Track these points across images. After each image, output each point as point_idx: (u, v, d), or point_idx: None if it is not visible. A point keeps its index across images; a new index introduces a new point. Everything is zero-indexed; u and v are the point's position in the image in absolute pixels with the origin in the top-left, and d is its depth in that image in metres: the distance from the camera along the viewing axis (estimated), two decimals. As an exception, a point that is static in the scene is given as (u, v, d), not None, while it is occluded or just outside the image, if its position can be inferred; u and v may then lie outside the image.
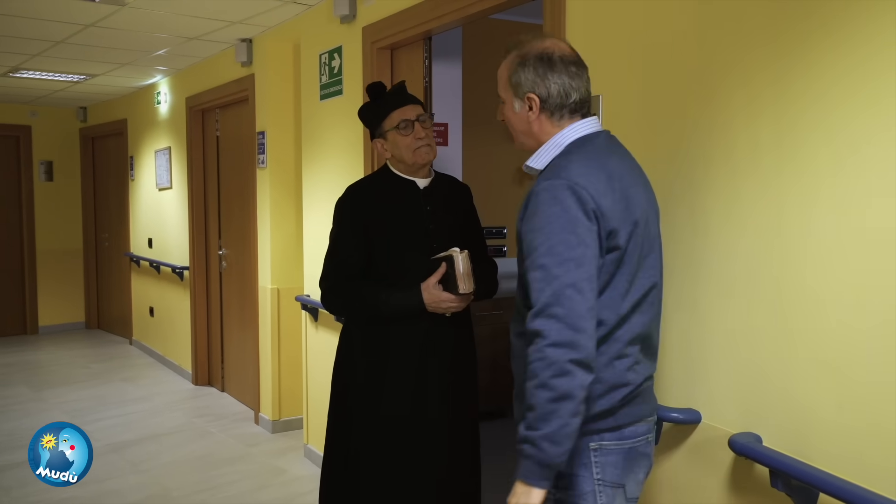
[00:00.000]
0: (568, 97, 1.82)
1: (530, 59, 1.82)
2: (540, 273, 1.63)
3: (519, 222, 1.76)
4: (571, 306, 1.60)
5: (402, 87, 2.73)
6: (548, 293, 1.61)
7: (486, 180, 5.62)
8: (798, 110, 1.84)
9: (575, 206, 1.65)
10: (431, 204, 2.67)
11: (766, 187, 1.92)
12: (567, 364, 1.58)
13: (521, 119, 1.86)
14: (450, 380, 2.63)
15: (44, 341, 8.40)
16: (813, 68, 1.80)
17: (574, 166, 1.72)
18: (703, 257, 2.09)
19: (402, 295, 2.51)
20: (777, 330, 1.90)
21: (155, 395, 6.15)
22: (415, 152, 2.60)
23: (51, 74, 6.54)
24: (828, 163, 1.77)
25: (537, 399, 1.59)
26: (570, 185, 1.67)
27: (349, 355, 2.71)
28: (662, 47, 2.22)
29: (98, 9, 4.38)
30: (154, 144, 7.17)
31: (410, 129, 2.60)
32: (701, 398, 2.11)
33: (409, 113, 2.62)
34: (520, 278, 1.80)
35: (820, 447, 1.80)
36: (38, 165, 8.71)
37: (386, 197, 2.66)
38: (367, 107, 2.72)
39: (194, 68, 6.21)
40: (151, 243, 7.34)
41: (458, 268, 2.39)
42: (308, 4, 4.33)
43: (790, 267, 1.87)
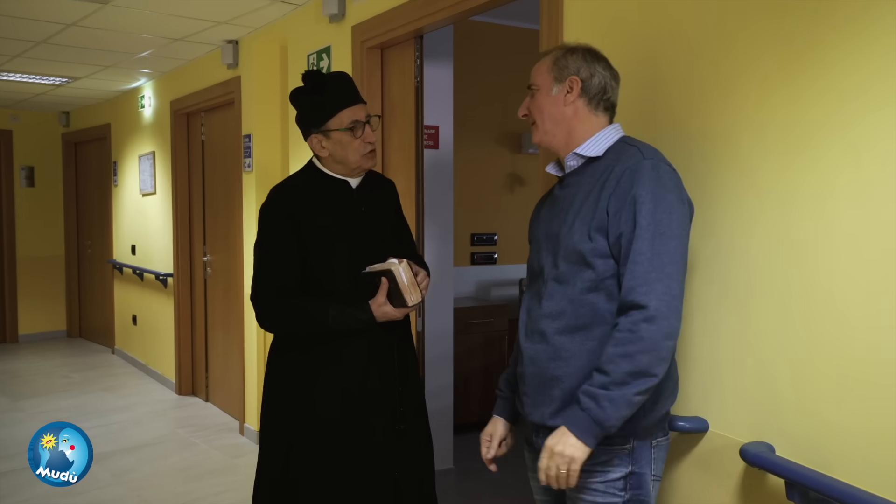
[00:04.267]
0: (605, 92, 1.89)
1: (579, 49, 1.90)
2: (667, 249, 1.66)
3: (605, 200, 1.74)
4: (680, 292, 1.68)
5: (350, 80, 2.43)
6: (668, 274, 1.66)
7: (478, 185, 5.55)
8: (808, 101, 1.76)
9: (678, 188, 1.74)
10: (365, 204, 2.46)
11: (774, 183, 1.84)
12: (668, 353, 1.67)
13: (555, 103, 1.87)
14: (399, 389, 2.45)
15: (23, 350, 8.22)
16: (826, 57, 1.72)
17: (660, 154, 1.78)
18: (710, 259, 2.00)
19: (353, 312, 2.29)
20: (789, 334, 1.81)
21: (137, 405, 6.00)
22: (362, 156, 2.39)
23: (32, 77, 6.40)
24: (843, 157, 1.69)
25: (620, 368, 1.64)
26: (672, 169, 1.76)
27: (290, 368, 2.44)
28: (663, 43, 2.14)
29: (79, 7, 4.27)
30: (138, 149, 7.04)
31: (361, 130, 2.36)
32: (708, 406, 2.02)
33: (360, 113, 2.37)
34: (573, 262, 1.79)
35: (837, 457, 1.71)
36: (19, 171, 8.55)
37: (316, 199, 2.41)
38: (307, 98, 2.39)
39: (179, 71, 6.10)
40: (135, 250, 7.20)
41: (401, 280, 2.22)
42: (296, 4, 4.24)
43: (802, 268, 1.78)
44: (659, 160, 1.75)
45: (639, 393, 1.65)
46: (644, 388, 1.65)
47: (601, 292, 1.77)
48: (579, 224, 1.78)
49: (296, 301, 2.35)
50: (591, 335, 1.77)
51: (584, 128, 1.87)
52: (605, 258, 1.75)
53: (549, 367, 1.82)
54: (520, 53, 5.34)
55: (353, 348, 2.37)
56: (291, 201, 2.40)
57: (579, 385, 1.77)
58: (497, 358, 5.17)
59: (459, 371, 4.69)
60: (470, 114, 5.26)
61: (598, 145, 1.85)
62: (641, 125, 2.18)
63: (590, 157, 1.85)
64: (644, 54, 2.21)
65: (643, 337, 1.64)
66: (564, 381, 1.80)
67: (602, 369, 1.67)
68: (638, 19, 2.24)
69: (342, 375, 2.37)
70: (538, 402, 1.86)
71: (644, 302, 1.65)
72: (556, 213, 1.90)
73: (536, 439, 1.92)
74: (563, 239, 1.81)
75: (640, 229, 1.67)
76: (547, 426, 1.84)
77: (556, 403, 1.81)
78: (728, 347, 1.97)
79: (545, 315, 1.84)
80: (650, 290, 1.65)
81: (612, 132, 1.88)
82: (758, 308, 1.89)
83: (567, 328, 1.80)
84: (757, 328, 1.89)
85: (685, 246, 1.71)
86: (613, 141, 1.86)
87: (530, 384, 1.88)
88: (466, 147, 5.22)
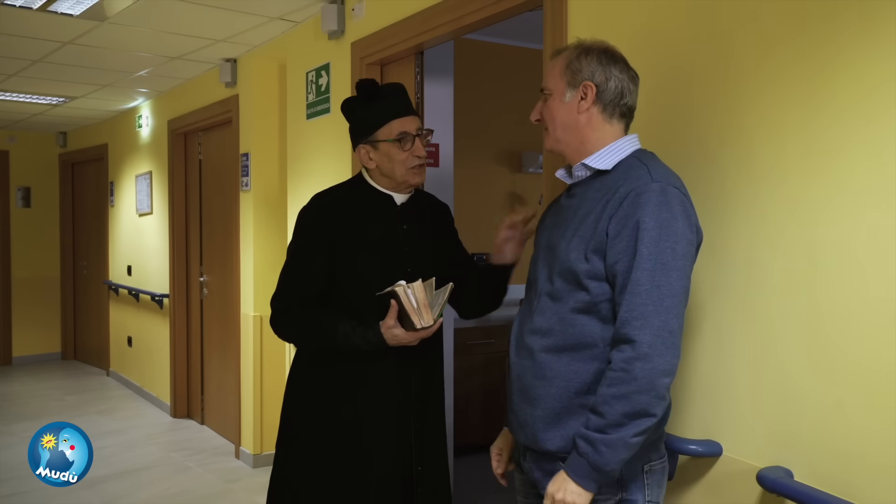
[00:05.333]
0: (622, 97, 1.78)
1: (595, 50, 1.78)
2: (667, 282, 1.58)
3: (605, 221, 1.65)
4: (678, 327, 1.59)
5: (403, 91, 2.34)
6: (666, 308, 1.57)
7: (478, 204, 5.49)
8: (831, 114, 1.70)
9: (686, 215, 1.63)
10: (409, 223, 2.36)
11: (793, 196, 1.78)
12: (666, 391, 1.59)
13: (568, 110, 1.77)
14: (416, 426, 2.32)
15: (17, 372, 8.11)
16: (847, 70, 1.66)
17: (671, 176, 1.68)
18: (724, 275, 1.93)
19: (363, 331, 2.17)
20: (811, 353, 1.74)
21: (131, 429, 5.90)
22: (409, 170, 2.28)
23: (28, 96, 6.36)
24: (872, 176, 1.62)
25: (615, 409, 1.57)
26: (682, 193, 1.65)
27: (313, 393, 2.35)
28: (671, 52, 2.09)
29: (77, 24, 4.23)
30: (135, 169, 6.99)
31: (410, 143, 2.25)
32: (721, 429, 1.94)
33: (411, 125, 2.27)
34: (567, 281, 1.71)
35: (861, 484, 1.63)
36: (15, 192, 8.50)
37: (358, 212, 2.32)
38: (358, 106, 2.33)
39: (177, 90, 6.06)
40: (130, 271, 7.13)
41: (408, 303, 2.09)
42: (295, 21, 4.20)
43: (823, 283, 1.71)
44: (667, 183, 1.64)
45: (637, 434, 1.58)
46: (642, 428, 1.58)
47: (593, 315, 1.69)
48: (577, 242, 1.71)
49: (312, 311, 2.27)
50: (578, 357, 1.70)
51: (598, 137, 1.77)
52: (600, 281, 1.67)
53: (532, 384, 1.75)
54: (521, 73, 5.31)
55: (376, 372, 2.27)
56: (330, 211, 2.32)
57: (562, 407, 1.71)
58: (497, 379, 5.08)
59: (459, 392, 4.60)
60: (470, 132, 5.22)
61: (609, 158, 1.75)
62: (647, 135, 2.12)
63: (598, 169, 1.77)
64: (650, 66, 2.15)
65: (637, 376, 1.55)
66: (546, 401, 1.72)
67: (597, 410, 1.60)
68: (644, 31, 2.19)
69: (361, 400, 2.28)
70: (522, 421, 1.80)
71: (637, 337, 1.56)
72: (559, 223, 1.82)
73: (524, 462, 1.86)
74: (560, 255, 1.74)
75: (641, 259, 1.58)
76: (533, 449, 1.78)
77: (538, 424, 1.74)
78: (743, 367, 1.89)
79: (534, 331, 1.77)
80: (645, 325, 1.56)
81: (626, 144, 1.78)
82: (775, 326, 1.82)
83: (554, 347, 1.73)
84: (774, 347, 1.82)
85: (687, 278, 1.62)
86: (626, 154, 1.76)
87: (515, 401, 1.82)
88: (467, 165, 5.17)
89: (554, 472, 1.71)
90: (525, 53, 5.36)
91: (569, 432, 1.69)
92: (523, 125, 4.84)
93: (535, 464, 1.80)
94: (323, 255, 2.27)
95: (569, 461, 1.64)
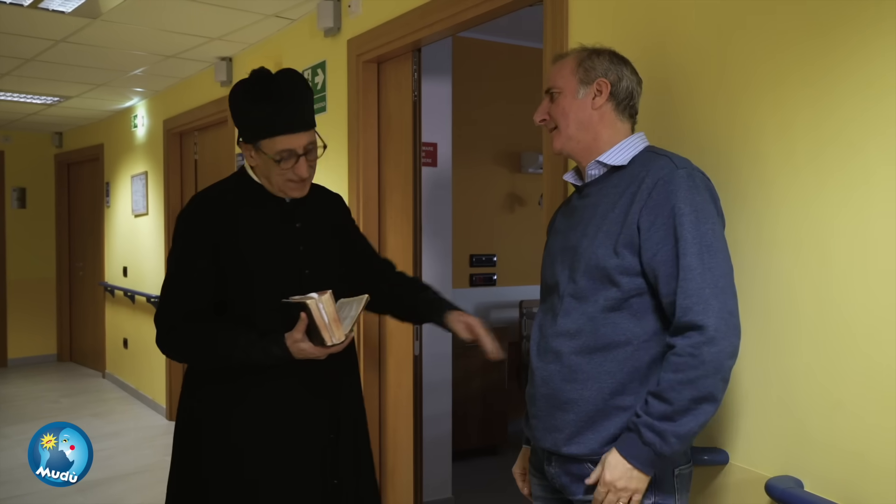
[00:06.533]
0: (632, 98, 1.80)
1: (605, 51, 1.80)
2: (717, 263, 1.57)
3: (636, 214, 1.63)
4: (736, 307, 1.58)
5: (302, 96, 2.04)
6: (722, 288, 1.56)
7: (476, 205, 5.44)
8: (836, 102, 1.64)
9: (714, 198, 1.65)
10: (302, 220, 2.16)
11: (802, 197, 1.72)
12: (729, 374, 1.57)
13: (582, 107, 1.76)
14: (331, 437, 2.16)
15: (12, 374, 8.04)
16: (860, 73, 1.60)
17: (690, 162, 1.68)
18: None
19: (265, 345, 1.97)
20: (820, 360, 1.68)
21: (126, 432, 5.84)
22: (287, 183, 2.08)
23: (22, 96, 6.30)
24: (888, 179, 1.56)
25: (682, 395, 1.54)
26: (707, 177, 1.67)
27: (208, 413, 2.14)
28: (675, 50, 2.03)
29: (69, 22, 4.17)
30: (131, 169, 6.93)
31: (293, 162, 2.03)
32: (728, 437, 1.88)
33: (298, 142, 2.01)
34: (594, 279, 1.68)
35: (871, 495, 1.57)
36: (10, 192, 8.44)
37: (245, 211, 2.10)
38: (246, 102, 2.03)
39: (172, 90, 6.01)
40: (126, 272, 7.07)
41: (319, 318, 1.92)
42: (290, 19, 4.14)
43: (835, 287, 1.65)
44: (693, 169, 1.66)
45: (704, 422, 1.56)
46: (708, 415, 1.56)
47: (624, 311, 1.66)
48: (603, 238, 1.67)
49: (205, 326, 2.05)
50: (611, 356, 1.66)
51: (610, 134, 1.77)
52: (633, 276, 1.64)
53: (563, 389, 1.71)
54: (520, 72, 5.26)
55: (282, 386, 2.09)
56: (212, 211, 2.11)
57: (596, 410, 1.67)
58: (496, 382, 5.03)
59: (457, 396, 4.55)
60: (469, 132, 5.16)
61: (623, 154, 1.74)
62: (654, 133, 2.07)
63: (613, 165, 1.75)
64: (653, 64, 2.09)
65: (706, 360, 1.53)
66: (580, 404, 1.68)
67: (662, 396, 1.56)
68: (646, 28, 2.13)
69: (264, 415, 2.10)
70: (550, 426, 1.75)
71: (703, 322, 1.54)
72: (574, 224, 1.79)
73: (548, 467, 1.80)
74: (584, 253, 1.70)
75: (685, 243, 1.57)
76: (561, 453, 1.73)
77: (571, 428, 1.70)
78: (751, 374, 1.83)
79: (560, 333, 1.72)
80: (707, 308, 1.54)
81: (638, 141, 1.78)
82: (785, 332, 1.76)
83: (585, 348, 1.69)
84: (783, 353, 1.76)
85: (730, 258, 1.62)
86: (639, 150, 1.75)
87: (541, 407, 1.77)
88: (465, 166, 5.11)
89: (583, 475, 1.69)
90: (524, 52, 5.31)
91: (603, 434, 1.67)
92: (523, 125, 4.79)
93: (561, 468, 1.76)
94: (206, 261, 2.05)
95: (627, 446, 1.60)
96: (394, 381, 3.60)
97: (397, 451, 3.59)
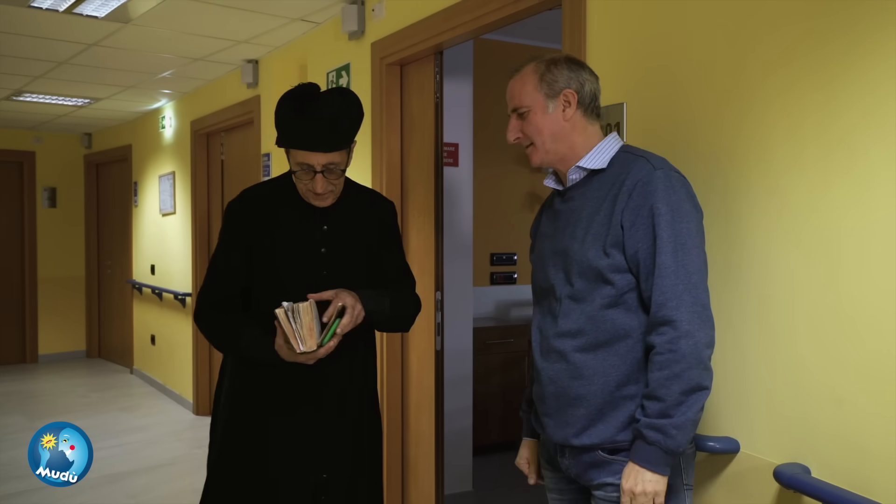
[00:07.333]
0: (595, 98, 1.85)
1: (561, 60, 1.85)
2: (690, 260, 1.66)
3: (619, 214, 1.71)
4: (708, 300, 1.67)
5: (335, 119, 2.07)
6: (695, 284, 1.65)
7: (497, 204, 5.50)
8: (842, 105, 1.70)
9: (690, 195, 1.73)
10: (330, 223, 2.22)
11: (809, 192, 1.78)
12: (709, 361, 1.65)
13: (554, 120, 1.82)
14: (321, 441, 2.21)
15: (43, 370, 8.23)
16: (867, 77, 1.66)
17: (667, 162, 1.75)
18: (740, 272, 1.94)
19: (261, 344, 2.09)
20: (827, 351, 1.74)
21: (154, 425, 5.97)
22: (307, 193, 2.15)
23: (55, 98, 6.46)
24: (881, 161, 1.62)
25: (672, 390, 1.62)
26: (682, 176, 1.74)
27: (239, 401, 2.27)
28: (689, 52, 2.09)
29: (102, 26, 4.29)
30: (158, 169, 7.07)
31: (310, 177, 2.10)
32: (739, 426, 1.94)
33: (316, 160, 2.07)
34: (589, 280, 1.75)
35: (877, 480, 1.62)
36: (41, 192, 8.62)
37: (280, 210, 2.21)
38: (285, 112, 2.09)
39: (199, 91, 6.13)
40: (154, 270, 7.21)
41: (287, 326, 1.97)
42: (315, 22, 4.23)
43: (840, 281, 1.71)
44: (669, 169, 1.73)
45: (699, 409, 1.65)
46: (701, 403, 1.65)
47: (620, 307, 1.74)
48: (592, 239, 1.75)
49: (225, 317, 2.20)
50: (613, 351, 1.74)
51: (584, 139, 1.84)
52: (623, 273, 1.73)
53: (571, 386, 1.78)
54: (540, 72, 5.31)
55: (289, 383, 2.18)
56: (254, 207, 2.23)
57: (604, 402, 1.74)
58: (517, 379, 5.09)
59: (478, 392, 4.62)
60: (490, 132, 5.23)
61: (600, 157, 1.82)
62: (664, 132, 2.13)
63: (593, 169, 1.82)
64: (667, 65, 2.16)
65: (686, 353, 1.62)
66: (589, 399, 1.76)
67: (653, 396, 1.65)
68: (662, 31, 2.19)
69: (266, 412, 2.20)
70: (561, 422, 1.82)
71: (675, 317, 1.63)
72: (561, 227, 1.86)
73: (562, 459, 1.88)
74: (575, 255, 1.77)
75: (661, 242, 1.66)
76: (572, 445, 1.80)
77: (582, 422, 1.78)
78: (760, 365, 1.89)
79: (562, 334, 1.80)
80: (680, 304, 1.64)
81: (612, 142, 1.84)
82: (791, 324, 1.82)
83: (587, 346, 1.76)
84: (791, 344, 1.82)
85: (704, 252, 1.72)
86: (615, 151, 1.82)
87: (551, 404, 1.84)
88: (486, 165, 5.18)
89: (595, 461, 1.77)
90: (544, 53, 5.35)
91: (613, 423, 1.75)
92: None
93: (574, 459, 1.83)
94: (240, 254, 2.20)
95: (636, 453, 1.67)
96: (416, 375, 3.67)
97: (419, 445, 3.66)
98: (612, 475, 1.76)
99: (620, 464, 1.74)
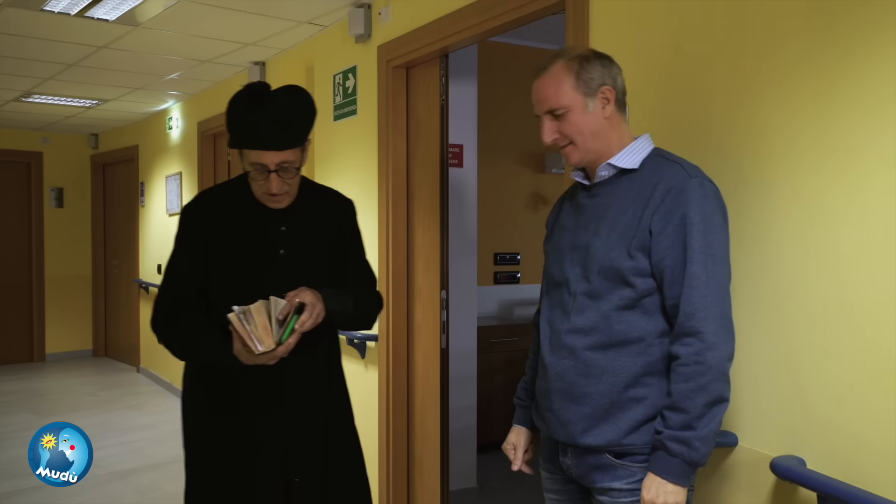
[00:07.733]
0: (625, 93, 1.84)
1: (591, 56, 1.81)
2: (719, 272, 1.66)
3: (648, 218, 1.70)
4: (731, 311, 1.67)
5: (289, 113, 2.07)
6: (722, 296, 1.66)
7: (501, 205, 5.56)
8: (840, 109, 1.75)
9: (721, 207, 1.72)
10: (289, 224, 2.19)
11: (804, 191, 1.83)
12: (729, 372, 1.65)
13: (595, 119, 1.79)
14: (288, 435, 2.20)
15: (50, 369, 8.29)
16: (867, 80, 1.72)
17: (701, 171, 1.74)
18: (738, 268, 1.98)
19: (220, 346, 2.05)
20: (821, 346, 1.79)
21: (161, 423, 6.02)
22: (262, 195, 2.13)
23: (63, 99, 6.52)
24: (876, 162, 1.68)
25: (696, 402, 1.62)
26: (715, 187, 1.73)
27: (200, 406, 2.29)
28: (691, 53, 2.14)
29: (111, 29, 4.35)
30: (165, 170, 7.13)
31: (264, 177, 2.07)
32: (737, 420, 2.00)
33: (270, 159, 2.04)
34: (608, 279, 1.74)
35: (870, 471, 1.68)
36: (48, 192, 8.69)
37: (236, 210, 2.18)
38: (238, 111, 2.10)
39: (206, 93, 6.19)
40: (160, 269, 7.26)
41: (242, 329, 1.96)
42: (322, 25, 4.29)
43: (836, 278, 1.77)
44: (703, 178, 1.72)
45: (719, 421, 1.65)
46: (722, 414, 1.66)
47: (637, 310, 1.73)
48: (617, 240, 1.73)
49: (184, 322, 2.16)
50: (625, 352, 1.73)
51: (619, 136, 1.81)
52: (646, 277, 1.71)
53: (577, 383, 1.77)
54: (543, 74, 5.35)
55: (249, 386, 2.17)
56: (209, 207, 2.21)
57: (611, 402, 1.73)
58: (519, 377, 5.11)
59: (482, 390, 4.67)
60: (494, 133, 5.29)
61: (633, 157, 1.79)
62: (666, 129, 2.18)
63: (624, 168, 1.79)
64: (671, 67, 2.21)
65: (711, 365, 1.62)
66: (595, 397, 1.75)
67: (678, 407, 1.64)
68: (665, 32, 2.24)
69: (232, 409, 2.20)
70: (565, 419, 1.80)
71: (703, 328, 1.63)
72: (584, 223, 1.83)
73: (563, 458, 1.87)
74: (597, 253, 1.75)
75: (693, 252, 1.65)
76: (577, 444, 1.79)
77: (587, 421, 1.76)
78: (758, 360, 1.95)
79: (574, 330, 1.78)
80: (708, 316, 1.63)
81: (645, 143, 1.82)
82: (788, 319, 1.87)
83: (600, 344, 1.74)
84: (787, 340, 1.87)
85: (730, 265, 1.71)
86: (647, 153, 1.80)
87: (555, 400, 1.82)
88: (490, 166, 5.23)
89: (601, 464, 1.76)
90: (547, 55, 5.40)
91: (619, 426, 1.73)
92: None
93: (577, 459, 1.82)
94: (194, 254, 2.16)
95: (657, 464, 1.66)
96: (422, 373, 3.73)
97: (425, 442, 3.72)
98: (618, 480, 1.75)
99: (626, 469, 1.74)
